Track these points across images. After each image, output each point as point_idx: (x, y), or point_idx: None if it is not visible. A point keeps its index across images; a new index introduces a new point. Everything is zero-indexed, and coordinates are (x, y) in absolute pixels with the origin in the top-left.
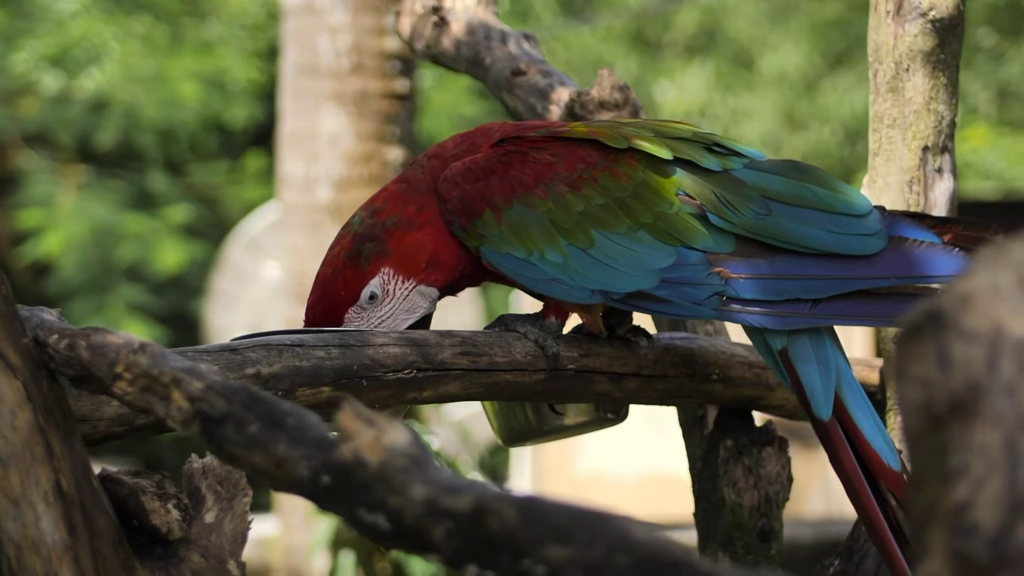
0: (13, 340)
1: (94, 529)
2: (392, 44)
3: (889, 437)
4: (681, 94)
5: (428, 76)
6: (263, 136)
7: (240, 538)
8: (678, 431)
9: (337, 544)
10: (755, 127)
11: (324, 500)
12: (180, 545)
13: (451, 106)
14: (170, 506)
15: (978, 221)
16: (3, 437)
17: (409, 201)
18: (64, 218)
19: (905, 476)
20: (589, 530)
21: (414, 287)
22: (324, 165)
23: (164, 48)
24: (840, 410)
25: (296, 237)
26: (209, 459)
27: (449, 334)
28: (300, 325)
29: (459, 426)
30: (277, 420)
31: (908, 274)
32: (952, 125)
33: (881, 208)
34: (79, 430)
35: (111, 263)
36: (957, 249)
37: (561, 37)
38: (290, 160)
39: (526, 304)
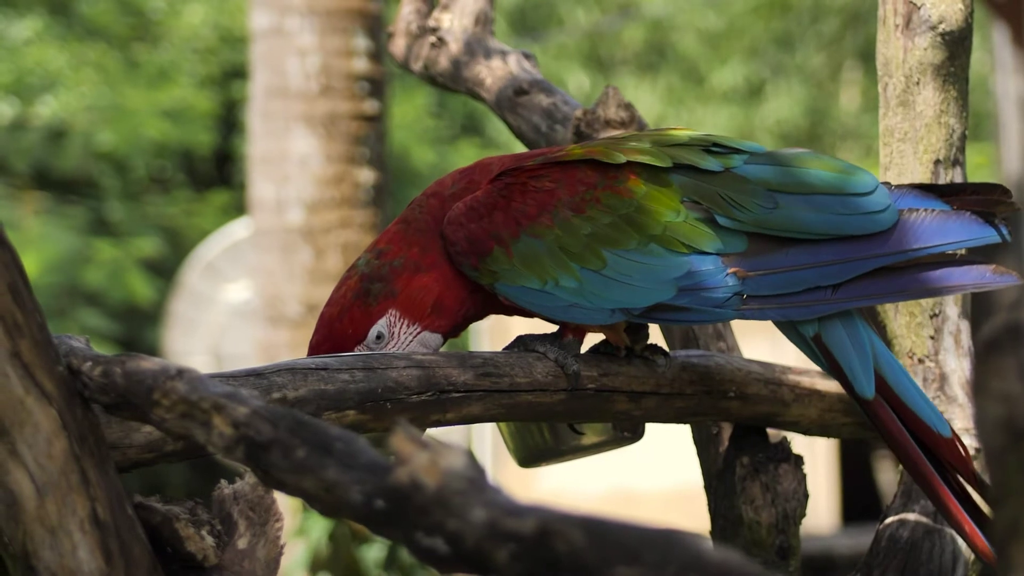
0: (48, 368)
1: (130, 557)
2: (360, 65)
3: (935, 406)
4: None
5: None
6: (222, 160)
7: (273, 564)
8: (640, 449)
9: (315, 567)
10: None
11: (378, 524)
12: (214, 572)
13: (413, 120)
14: (204, 532)
15: (985, 184)
16: (39, 466)
17: (412, 243)
18: (32, 242)
19: (957, 442)
20: (659, 551)
21: (417, 333)
22: (295, 187)
23: (117, 75)
24: (883, 386)
25: (268, 259)
26: (240, 484)
27: (470, 355)
28: (273, 348)
29: None
30: (325, 445)
31: (923, 244)
32: (963, 138)
33: (887, 183)
34: (111, 457)
35: (75, 288)
36: (969, 213)
37: None
38: (261, 182)
39: (483, 327)
